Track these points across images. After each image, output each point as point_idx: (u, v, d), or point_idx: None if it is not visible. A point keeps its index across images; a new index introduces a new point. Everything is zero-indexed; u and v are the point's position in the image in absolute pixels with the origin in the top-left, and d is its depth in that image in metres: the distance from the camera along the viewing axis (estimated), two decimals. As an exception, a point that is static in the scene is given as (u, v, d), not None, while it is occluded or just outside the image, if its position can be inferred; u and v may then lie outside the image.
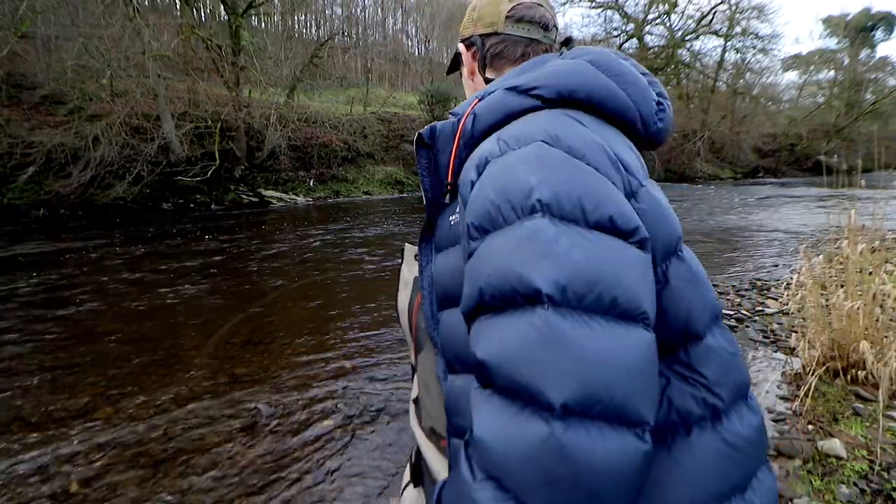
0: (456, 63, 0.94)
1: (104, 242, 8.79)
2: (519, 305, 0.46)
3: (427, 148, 0.68)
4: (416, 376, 0.82)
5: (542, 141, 0.54)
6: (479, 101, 0.67)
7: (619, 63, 0.66)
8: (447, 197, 0.67)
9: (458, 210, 0.63)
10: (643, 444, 0.43)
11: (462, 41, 0.87)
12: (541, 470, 0.40)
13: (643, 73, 0.69)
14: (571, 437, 0.40)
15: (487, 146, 0.59)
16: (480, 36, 0.82)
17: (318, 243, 8.69)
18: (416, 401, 0.80)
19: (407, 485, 0.87)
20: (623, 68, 0.66)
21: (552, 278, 0.45)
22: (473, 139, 0.64)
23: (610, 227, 0.49)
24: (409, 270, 0.80)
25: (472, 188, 0.56)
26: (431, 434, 0.72)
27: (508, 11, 0.79)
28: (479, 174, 0.56)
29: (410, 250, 0.81)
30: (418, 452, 0.80)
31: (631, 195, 0.55)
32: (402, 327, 0.82)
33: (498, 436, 0.42)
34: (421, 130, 0.69)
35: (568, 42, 0.82)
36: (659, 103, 0.69)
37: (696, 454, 0.51)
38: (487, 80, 0.82)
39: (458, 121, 0.66)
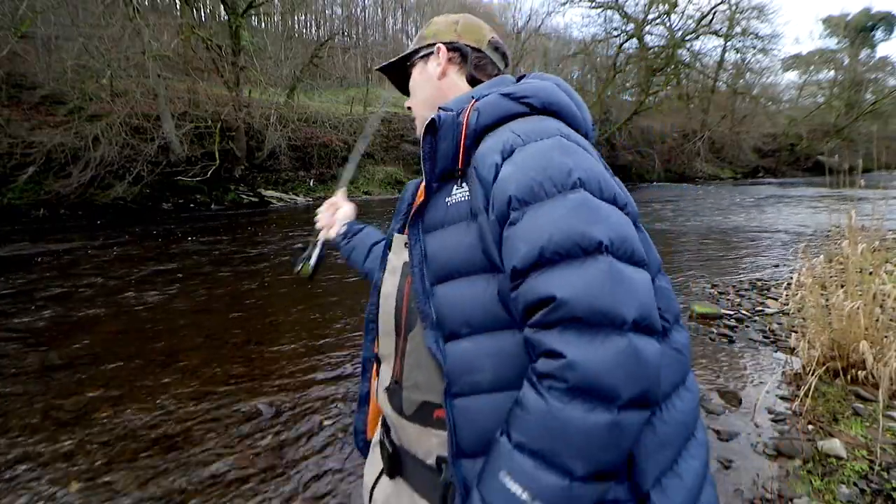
0: (405, 60, 1.02)
1: (103, 242, 8.79)
2: (583, 256, 0.58)
3: (433, 135, 0.75)
4: (385, 365, 0.86)
5: (561, 136, 0.69)
6: (476, 100, 0.77)
7: (572, 90, 0.84)
8: (443, 179, 0.77)
9: (456, 191, 0.75)
10: (660, 343, 0.60)
11: (444, 44, 0.95)
12: (624, 370, 0.54)
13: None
14: (639, 342, 0.55)
15: (505, 136, 0.70)
16: (469, 47, 0.95)
17: (318, 243, 8.68)
18: (388, 388, 0.83)
19: (377, 481, 0.90)
20: (575, 94, 0.83)
21: (607, 235, 0.59)
22: (476, 132, 0.74)
23: (614, 202, 0.66)
24: (398, 258, 0.84)
25: (496, 170, 0.67)
26: (420, 410, 0.76)
27: (490, 38, 0.97)
28: (505, 158, 0.67)
29: (400, 239, 0.85)
30: (392, 444, 0.84)
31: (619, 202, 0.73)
32: (383, 314, 0.85)
33: (588, 355, 0.54)
34: (433, 115, 0.76)
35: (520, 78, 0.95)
36: (592, 122, 0.87)
37: (656, 431, 0.66)
38: (473, 83, 0.93)
39: (458, 114, 0.76)
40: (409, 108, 1.03)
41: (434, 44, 0.95)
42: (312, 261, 1.39)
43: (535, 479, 0.55)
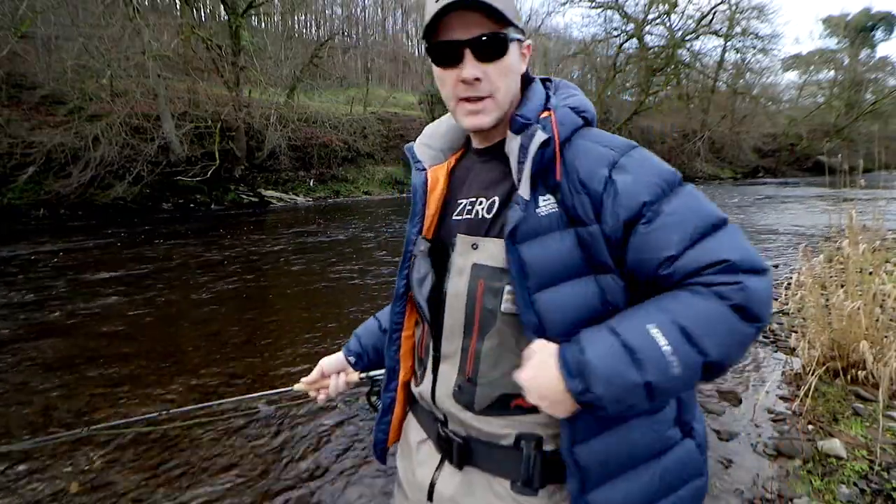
0: (502, 44, 0.80)
1: (103, 242, 8.79)
2: (721, 227, 0.72)
3: (543, 148, 0.78)
4: (447, 365, 0.87)
5: (637, 146, 0.80)
6: (550, 112, 0.80)
7: None
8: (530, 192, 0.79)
9: (543, 201, 0.78)
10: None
11: (519, 31, 0.82)
12: (769, 303, 0.70)
13: None
14: (767, 283, 0.70)
15: (602, 151, 0.78)
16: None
17: (318, 243, 8.69)
18: (458, 387, 0.85)
19: (434, 477, 0.90)
20: None
21: (720, 211, 0.74)
22: (559, 145, 0.79)
23: None
24: (465, 259, 0.84)
25: (606, 182, 0.74)
26: (497, 402, 0.81)
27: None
28: (611, 170, 0.75)
29: (465, 240, 0.85)
30: (457, 435, 0.86)
31: None
32: (450, 315, 0.85)
33: (758, 286, 0.68)
34: (540, 137, 0.77)
35: None
36: None
37: None
38: (526, 82, 0.88)
39: (545, 126, 0.78)
40: (481, 100, 0.81)
41: (521, 32, 0.83)
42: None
43: (680, 343, 0.66)
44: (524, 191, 0.76)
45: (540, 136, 0.76)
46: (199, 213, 13.48)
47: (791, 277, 3.35)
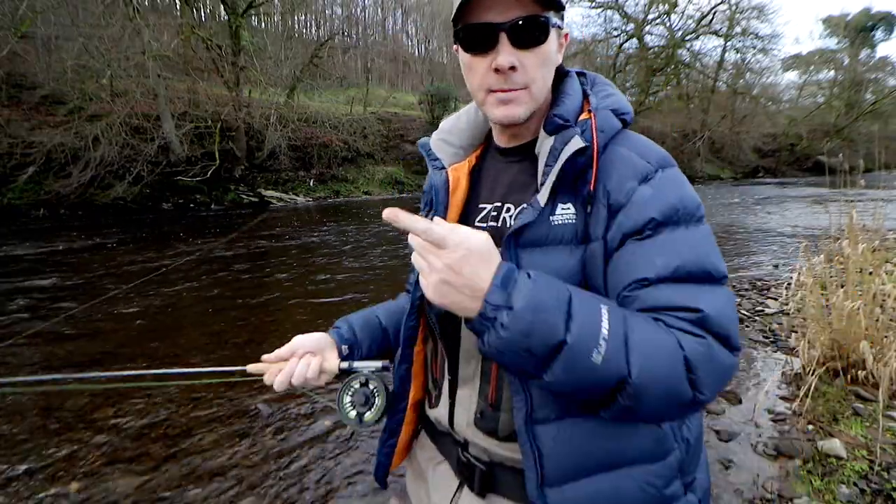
0: (543, 29, 0.71)
1: (103, 242, 8.79)
2: (716, 282, 0.65)
3: (581, 155, 0.71)
4: (466, 389, 0.79)
5: (674, 165, 0.74)
6: (591, 114, 0.73)
7: None
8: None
9: (562, 210, 0.71)
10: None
11: (560, 16, 0.73)
12: (727, 379, 0.62)
13: None
14: (735, 360, 0.63)
15: (639, 162, 0.71)
16: None
17: (318, 243, 8.69)
18: (481, 414, 0.77)
19: (456, 493, 0.83)
20: None
21: (724, 268, 0.67)
22: (598, 152, 0.72)
23: None
24: None
25: (631, 194, 0.68)
26: (522, 427, 0.70)
27: None
28: (640, 183, 0.69)
29: None
30: (480, 461, 0.79)
31: None
32: (466, 337, 0.78)
33: (705, 356, 0.60)
34: (577, 144, 0.70)
35: None
36: None
37: None
38: (560, 75, 0.80)
39: (584, 131, 0.71)
40: (517, 90, 0.73)
41: (562, 17, 0.75)
42: (373, 409, 0.87)
43: (616, 342, 0.58)
44: (543, 195, 0.69)
45: (576, 143, 0.69)
46: (199, 213, 13.48)
47: (791, 277, 3.35)
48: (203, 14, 20.39)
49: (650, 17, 28.93)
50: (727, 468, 2.29)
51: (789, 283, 3.43)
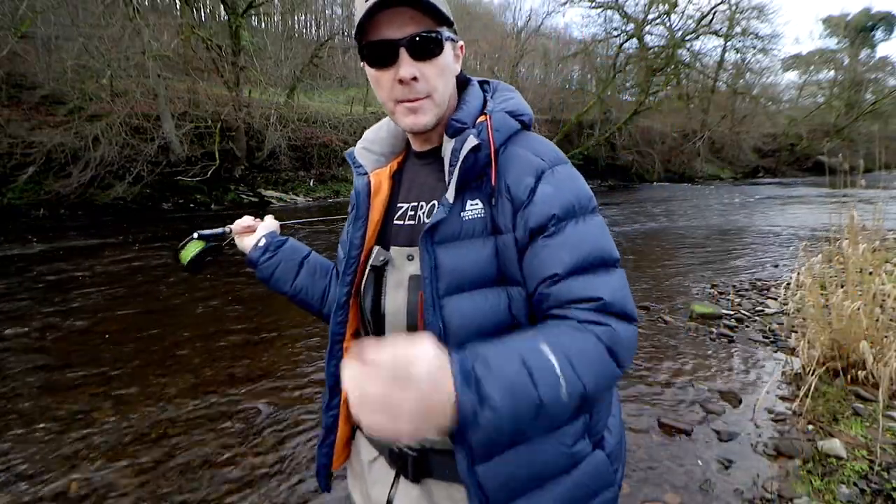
0: (437, 42, 0.77)
1: (103, 242, 8.79)
2: (611, 268, 0.74)
3: (475, 153, 0.78)
4: None
5: (567, 163, 0.82)
6: (487, 116, 0.80)
7: None
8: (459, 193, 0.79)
9: (470, 206, 0.78)
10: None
11: (452, 31, 0.81)
12: (632, 350, 0.71)
13: None
14: (635, 332, 0.72)
15: (533, 160, 0.78)
16: None
17: (317, 243, 8.69)
18: None
19: (391, 493, 0.88)
20: None
21: (616, 253, 0.76)
22: (495, 151, 0.79)
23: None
24: (402, 272, 0.83)
25: (531, 191, 0.76)
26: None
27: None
28: (537, 180, 0.76)
29: (399, 251, 0.84)
30: (413, 450, 0.84)
31: None
32: (392, 332, 0.84)
33: (625, 333, 0.70)
34: (471, 143, 0.77)
35: None
36: None
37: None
38: (463, 84, 0.88)
39: (480, 132, 0.79)
40: (420, 99, 0.79)
41: (454, 31, 0.82)
42: (194, 249, 1.18)
43: (567, 367, 0.63)
44: (450, 194, 0.75)
45: (471, 142, 0.75)
46: (200, 214, 13.48)
47: (791, 277, 3.35)
48: (203, 14, 20.38)
49: (650, 17, 28.88)
50: (727, 468, 2.29)
51: (789, 283, 3.43)
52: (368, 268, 0.87)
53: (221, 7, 17.12)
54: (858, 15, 37.53)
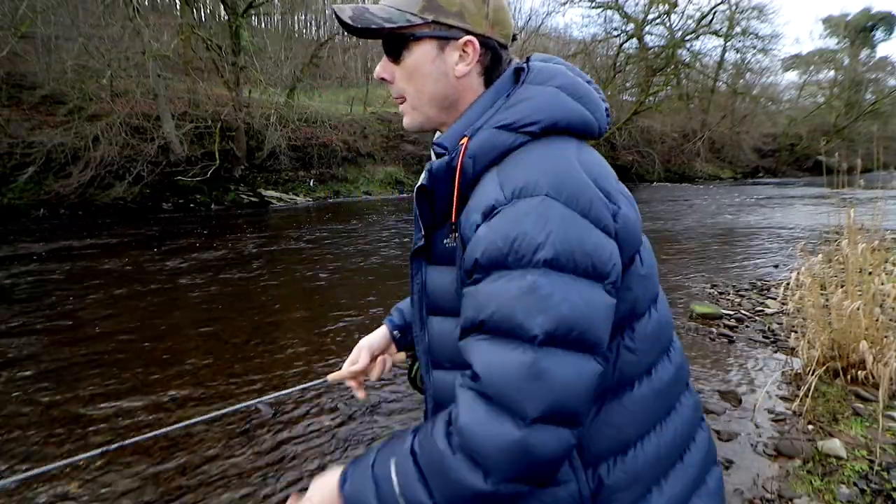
0: (397, 43, 0.72)
1: (103, 242, 8.79)
2: (515, 341, 0.58)
3: (428, 196, 0.71)
4: None
5: (546, 195, 0.60)
6: (469, 139, 0.67)
7: (581, 84, 0.73)
8: (443, 220, 0.72)
9: (448, 233, 0.70)
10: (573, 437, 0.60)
11: (477, 36, 0.71)
12: (511, 461, 0.56)
13: (589, 82, 0.76)
14: (536, 437, 0.56)
15: (492, 193, 0.63)
16: (499, 44, 0.74)
17: (317, 243, 8.68)
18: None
19: None
20: (584, 89, 0.73)
21: (546, 327, 0.57)
22: (474, 178, 0.67)
23: (592, 273, 0.60)
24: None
25: (475, 229, 0.63)
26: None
27: (490, 13, 0.72)
28: (486, 218, 0.62)
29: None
30: None
31: (613, 217, 0.66)
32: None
33: (482, 432, 0.57)
34: (423, 181, 0.70)
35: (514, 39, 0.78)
36: (607, 110, 0.77)
37: (637, 401, 0.71)
38: (487, 79, 0.76)
39: (452, 160, 0.67)
40: (398, 99, 0.77)
41: (460, 30, 0.71)
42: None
43: (408, 480, 0.61)
44: (424, 226, 0.74)
45: (424, 177, 0.70)
46: (199, 214, 13.48)
47: (791, 277, 3.35)
48: (203, 14, 20.37)
49: (650, 17, 28.87)
50: (727, 468, 2.29)
51: (789, 283, 3.43)
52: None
53: (221, 7, 17.14)
54: (858, 15, 37.53)
